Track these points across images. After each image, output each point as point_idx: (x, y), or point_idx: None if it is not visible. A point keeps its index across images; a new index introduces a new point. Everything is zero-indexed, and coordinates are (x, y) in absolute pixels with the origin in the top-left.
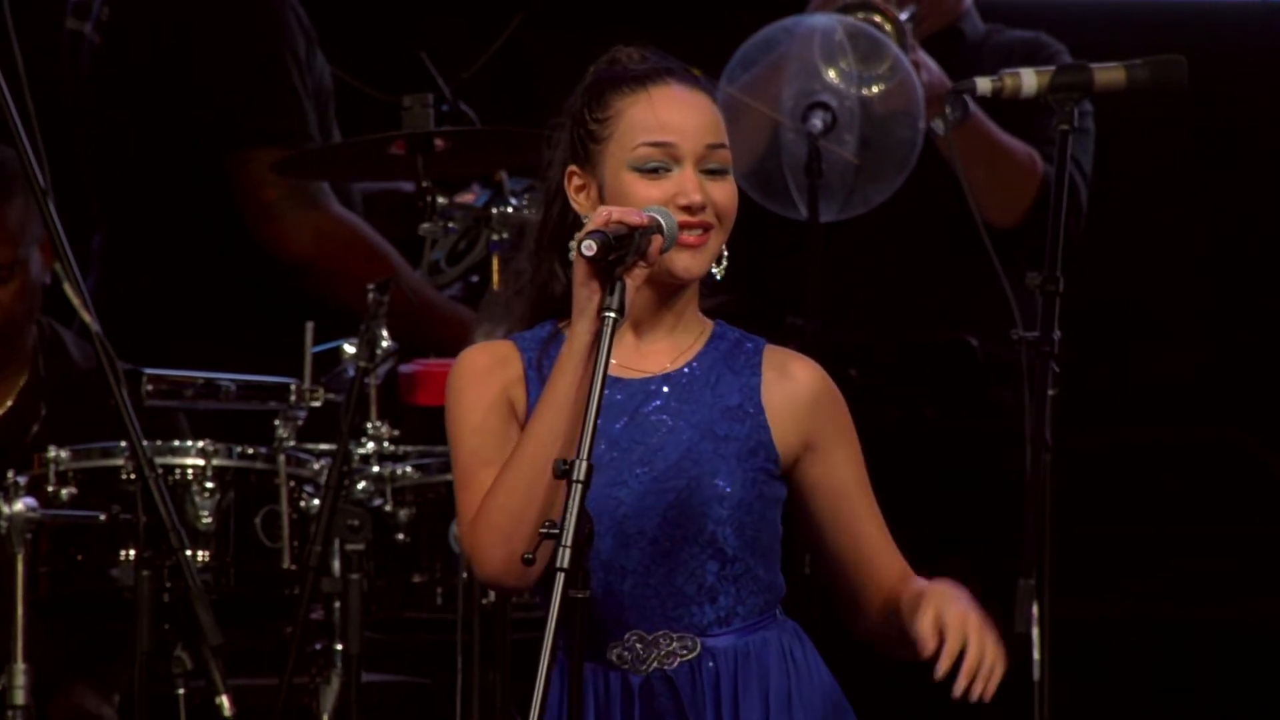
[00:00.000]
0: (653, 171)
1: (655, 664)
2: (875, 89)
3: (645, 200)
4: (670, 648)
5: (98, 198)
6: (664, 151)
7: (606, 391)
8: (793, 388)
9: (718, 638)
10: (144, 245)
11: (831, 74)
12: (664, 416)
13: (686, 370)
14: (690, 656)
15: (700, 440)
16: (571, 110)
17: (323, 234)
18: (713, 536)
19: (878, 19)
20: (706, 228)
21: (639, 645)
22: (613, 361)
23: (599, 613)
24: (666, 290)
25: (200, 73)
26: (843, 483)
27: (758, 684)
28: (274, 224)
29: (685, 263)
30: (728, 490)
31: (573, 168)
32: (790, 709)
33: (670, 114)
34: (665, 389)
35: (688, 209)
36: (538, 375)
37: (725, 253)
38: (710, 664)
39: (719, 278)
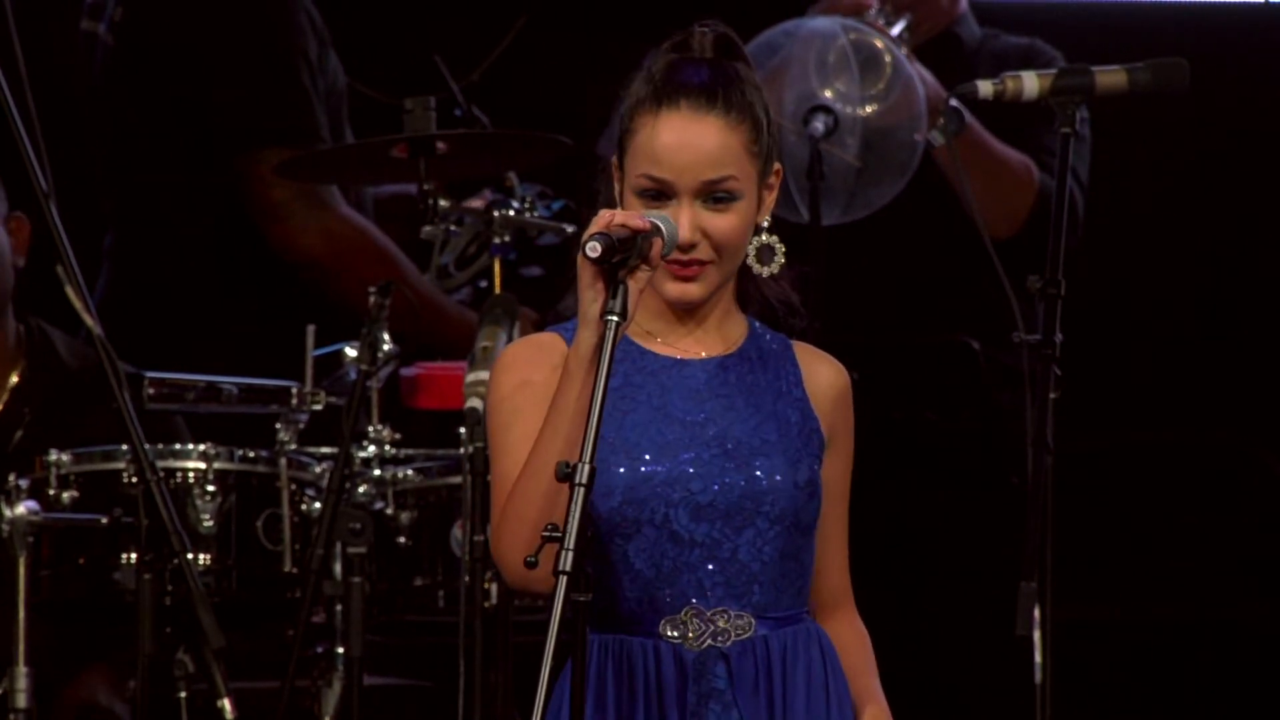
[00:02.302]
0: (653, 198)
1: (709, 641)
2: (871, 108)
3: None
4: (726, 625)
5: (110, 197)
6: (660, 185)
7: (667, 371)
8: (825, 381)
9: (770, 620)
10: (152, 245)
11: (828, 94)
12: (728, 396)
13: (742, 353)
14: (746, 635)
15: (764, 421)
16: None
17: (331, 235)
18: (781, 514)
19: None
20: (700, 264)
21: (696, 620)
22: (664, 343)
23: (661, 585)
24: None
25: (211, 73)
26: (831, 486)
27: (804, 670)
28: (282, 224)
29: (675, 291)
30: (794, 472)
31: (614, 159)
32: (828, 702)
33: (668, 146)
34: (725, 370)
35: (679, 247)
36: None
37: (780, 248)
38: (763, 645)
39: (765, 274)
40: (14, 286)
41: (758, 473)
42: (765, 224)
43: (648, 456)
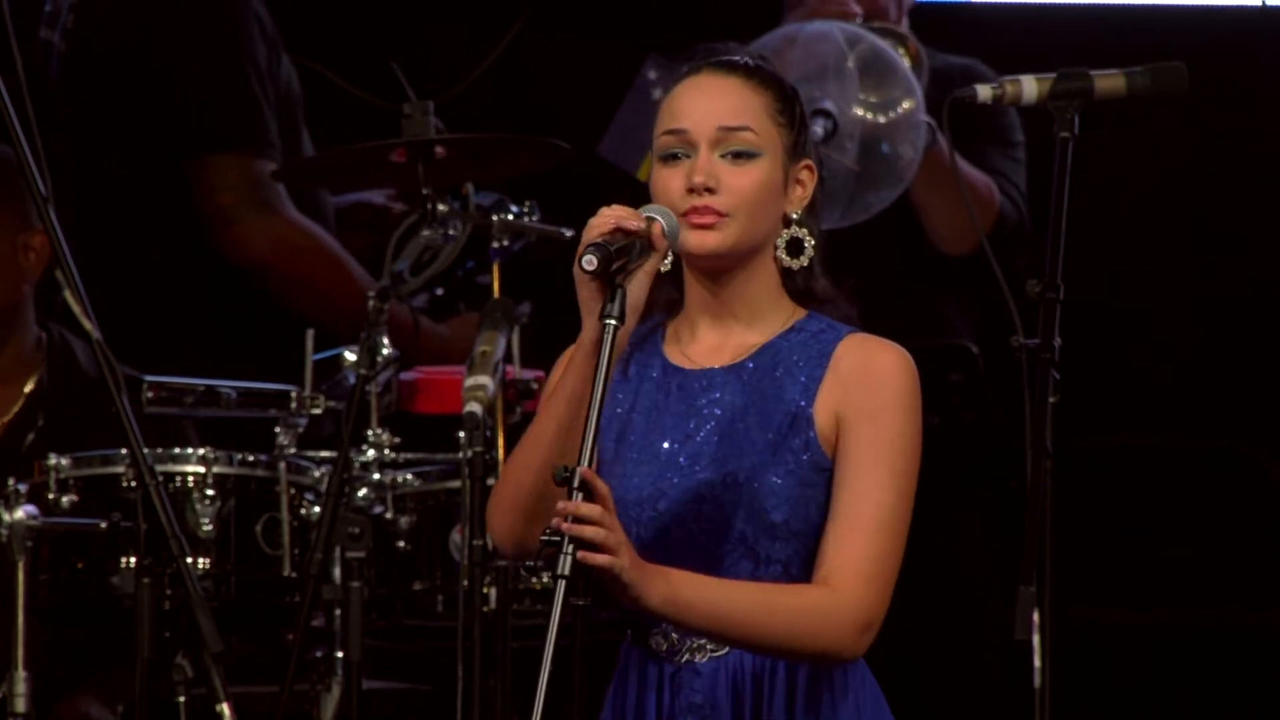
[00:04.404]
0: (673, 158)
1: (687, 656)
2: (877, 115)
3: (666, 189)
4: (702, 641)
5: (69, 205)
6: (679, 138)
7: (671, 382)
8: (845, 367)
9: None
10: (112, 251)
11: (827, 84)
12: (716, 410)
13: (749, 364)
14: (720, 653)
15: (746, 436)
16: None
17: (278, 239)
18: (742, 535)
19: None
20: (715, 213)
21: (674, 635)
22: (681, 353)
23: None
24: (712, 276)
25: (160, 79)
26: (851, 461)
27: (784, 691)
28: (230, 229)
29: (694, 241)
30: (768, 490)
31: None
32: None
33: (686, 101)
34: (723, 382)
35: (691, 191)
36: (627, 368)
37: (810, 241)
38: (738, 663)
39: (795, 267)
40: (26, 299)
41: (725, 496)
42: (795, 216)
43: (619, 473)
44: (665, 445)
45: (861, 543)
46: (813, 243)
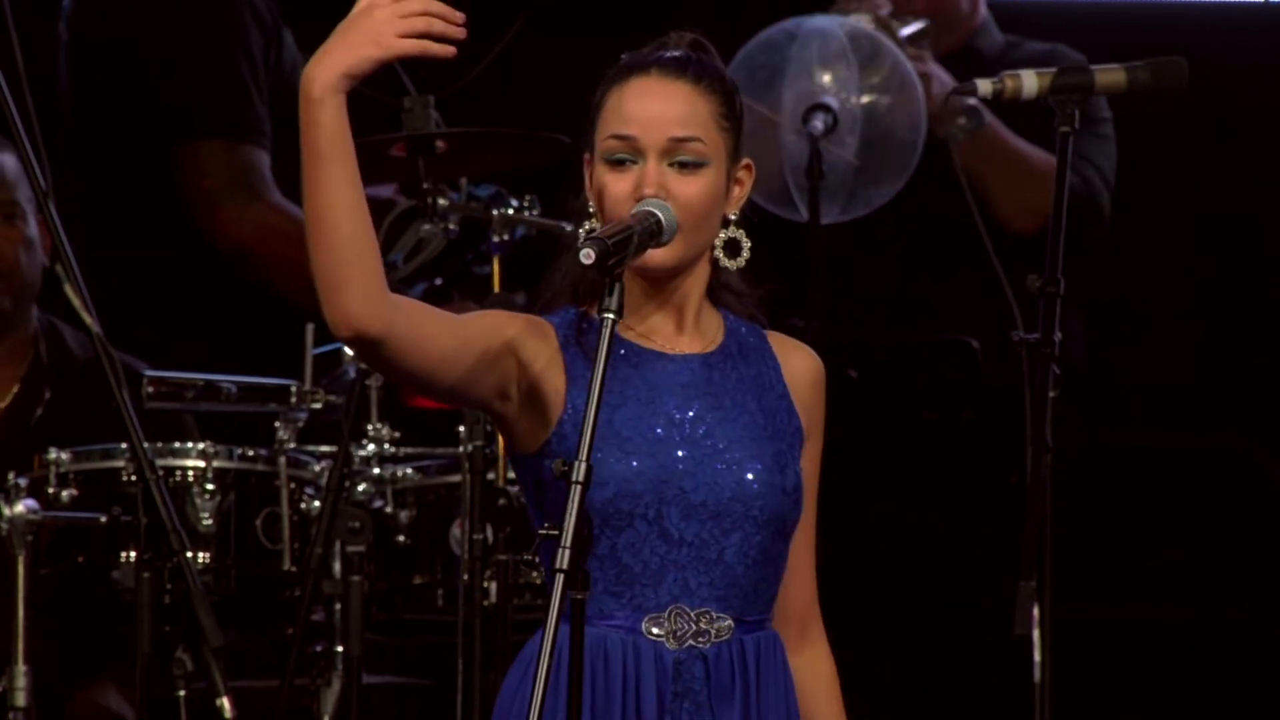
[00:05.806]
0: (619, 163)
1: (691, 641)
2: (870, 98)
3: (614, 193)
4: (708, 626)
5: (76, 198)
6: (627, 144)
7: (653, 365)
8: (802, 371)
9: (746, 623)
10: (117, 244)
11: (827, 78)
12: (714, 395)
13: (723, 350)
14: (724, 638)
15: (752, 421)
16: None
17: (261, 224)
18: (769, 519)
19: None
20: None
21: (680, 620)
22: (647, 338)
23: (648, 583)
24: (653, 280)
25: (150, 65)
26: (806, 481)
27: (774, 675)
28: (212, 214)
29: (645, 255)
30: (783, 477)
31: (585, 155)
32: (788, 708)
33: (636, 105)
34: (709, 368)
35: (640, 201)
36: (578, 350)
37: (747, 244)
38: (739, 648)
39: (733, 268)
40: (40, 282)
41: (748, 475)
42: (733, 217)
43: (641, 451)
44: (674, 427)
45: (814, 565)
46: (749, 244)
